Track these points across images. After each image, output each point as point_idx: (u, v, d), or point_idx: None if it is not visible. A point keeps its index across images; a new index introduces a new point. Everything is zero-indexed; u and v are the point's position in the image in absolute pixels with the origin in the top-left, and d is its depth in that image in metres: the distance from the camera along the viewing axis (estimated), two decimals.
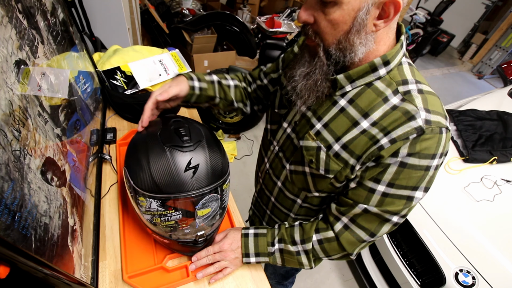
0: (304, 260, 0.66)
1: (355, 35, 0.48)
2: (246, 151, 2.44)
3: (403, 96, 0.51)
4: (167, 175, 0.56)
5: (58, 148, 0.56)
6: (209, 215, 0.62)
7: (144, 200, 0.58)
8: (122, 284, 0.66)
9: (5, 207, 0.34)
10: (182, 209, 0.59)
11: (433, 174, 0.53)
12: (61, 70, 0.66)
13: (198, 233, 0.64)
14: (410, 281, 1.28)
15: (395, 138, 0.49)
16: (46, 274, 0.43)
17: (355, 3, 0.45)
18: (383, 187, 0.53)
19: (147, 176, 0.57)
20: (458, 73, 4.71)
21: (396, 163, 0.51)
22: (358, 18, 0.46)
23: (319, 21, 0.49)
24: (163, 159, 0.57)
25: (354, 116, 0.54)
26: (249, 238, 0.70)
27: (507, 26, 4.25)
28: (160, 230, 0.63)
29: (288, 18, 3.06)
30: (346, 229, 0.60)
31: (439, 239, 1.27)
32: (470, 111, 1.83)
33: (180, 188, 0.56)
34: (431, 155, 0.50)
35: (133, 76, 1.06)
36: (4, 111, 0.38)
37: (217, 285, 0.70)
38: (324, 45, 0.51)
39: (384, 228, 0.58)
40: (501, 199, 1.37)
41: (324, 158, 0.58)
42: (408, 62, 0.55)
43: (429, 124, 0.48)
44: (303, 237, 0.65)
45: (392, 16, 0.46)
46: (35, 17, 0.55)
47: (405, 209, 0.55)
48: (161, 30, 2.48)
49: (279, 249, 0.68)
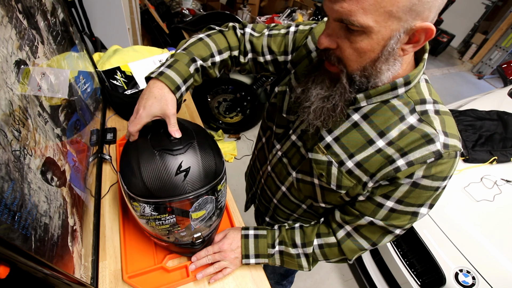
0: (304, 263, 0.67)
1: (383, 62, 0.46)
2: (246, 151, 2.44)
3: (420, 116, 0.50)
4: (158, 180, 0.55)
5: (58, 148, 0.56)
6: (205, 217, 0.62)
7: (138, 205, 0.58)
8: (122, 284, 0.66)
9: (5, 207, 0.34)
10: (176, 212, 0.58)
11: (440, 193, 0.53)
12: (61, 70, 0.66)
13: (195, 235, 0.64)
14: (410, 281, 1.28)
15: (413, 161, 0.48)
16: (46, 274, 0.43)
17: (386, 33, 0.42)
18: (392, 203, 0.54)
19: (138, 181, 0.56)
20: (458, 73, 4.71)
21: (409, 183, 0.51)
22: (387, 47, 0.43)
23: (344, 48, 0.45)
24: (153, 164, 0.55)
25: (369, 134, 0.53)
26: (249, 239, 0.70)
27: (507, 26, 4.25)
28: (157, 233, 0.63)
29: (288, 18, 3.06)
30: (348, 237, 0.61)
31: (439, 239, 1.27)
32: (470, 111, 1.83)
33: (172, 192, 0.55)
34: (444, 177, 0.50)
35: (133, 76, 1.06)
36: (4, 111, 0.38)
37: (217, 285, 0.70)
38: (347, 72, 0.48)
39: (386, 238, 0.59)
40: (501, 199, 1.37)
41: (336, 174, 0.57)
42: (425, 79, 0.54)
43: (447, 148, 0.48)
44: (304, 241, 0.65)
45: (422, 42, 0.44)
46: (35, 17, 0.55)
47: (409, 224, 0.56)
48: (161, 30, 2.48)
49: (279, 251, 0.68)
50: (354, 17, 0.40)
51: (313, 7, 3.52)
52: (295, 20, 3.24)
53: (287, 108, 0.67)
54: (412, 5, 0.38)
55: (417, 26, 0.41)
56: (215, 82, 2.15)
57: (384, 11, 0.39)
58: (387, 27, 0.41)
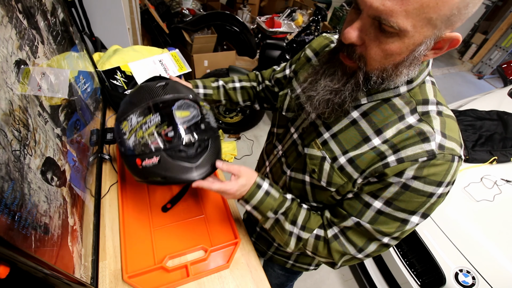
0: (292, 243, 0.63)
1: (405, 66, 0.45)
2: (246, 151, 2.44)
3: (420, 117, 0.49)
4: (140, 89, 0.66)
5: (58, 148, 0.56)
6: (190, 119, 0.61)
7: (126, 123, 0.62)
8: (122, 284, 0.66)
9: (5, 207, 0.34)
10: (159, 111, 0.60)
11: (436, 202, 0.49)
12: (61, 70, 0.66)
13: (184, 137, 0.59)
14: (410, 281, 1.28)
15: (403, 158, 0.47)
16: (46, 274, 0.43)
17: (418, 38, 0.40)
18: (380, 204, 0.51)
19: (125, 101, 0.67)
20: (458, 73, 4.71)
21: (398, 183, 0.48)
22: (415, 52, 0.42)
23: (370, 47, 0.43)
24: (137, 88, 0.68)
25: (366, 131, 0.52)
26: (260, 191, 0.62)
27: (507, 26, 4.25)
28: (146, 147, 0.59)
29: (288, 18, 3.06)
30: (335, 239, 0.58)
31: (439, 239, 1.27)
32: (470, 111, 1.83)
33: (153, 95, 0.62)
34: (438, 182, 0.47)
35: (133, 76, 1.06)
36: (4, 111, 0.38)
37: (217, 285, 0.70)
38: (366, 70, 0.47)
39: (372, 246, 0.55)
40: (501, 199, 1.37)
41: (328, 169, 0.56)
42: (431, 81, 0.53)
43: (442, 149, 0.46)
44: (305, 224, 0.61)
45: (445, 50, 0.43)
46: (35, 17, 0.55)
47: (397, 232, 0.52)
48: (161, 30, 2.48)
49: (276, 218, 0.63)
50: (395, 18, 0.38)
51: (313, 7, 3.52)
52: (295, 20, 3.24)
53: (286, 106, 0.70)
54: (451, 15, 0.38)
55: (446, 35, 0.41)
56: None
57: (425, 17, 0.38)
58: (422, 33, 0.40)
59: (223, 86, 0.86)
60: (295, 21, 3.21)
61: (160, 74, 1.10)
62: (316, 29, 1.99)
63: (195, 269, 0.72)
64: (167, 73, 1.11)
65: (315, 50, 0.68)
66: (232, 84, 0.87)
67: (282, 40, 2.62)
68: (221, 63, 2.62)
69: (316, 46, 0.68)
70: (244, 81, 0.88)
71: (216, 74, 2.12)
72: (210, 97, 0.85)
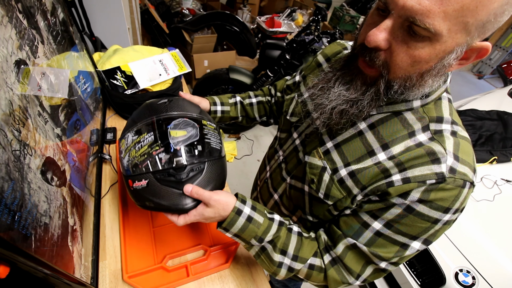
0: (282, 273, 0.56)
1: (432, 76, 0.41)
2: (246, 151, 2.44)
3: (432, 135, 0.45)
4: (143, 106, 0.64)
5: (58, 148, 0.56)
6: (186, 139, 0.56)
7: (124, 141, 0.60)
8: (122, 284, 0.66)
9: (5, 207, 0.34)
10: (155, 131, 0.56)
11: (440, 229, 0.46)
12: (61, 70, 0.66)
13: (175, 160, 0.54)
14: (410, 281, 1.28)
15: (410, 178, 0.43)
16: (46, 274, 0.43)
17: (451, 45, 0.37)
18: (379, 226, 0.47)
19: (130, 117, 0.64)
20: (458, 73, 4.71)
21: (402, 205, 0.44)
22: (444, 61, 0.39)
23: (397, 52, 0.39)
24: (143, 104, 0.66)
25: (371, 144, 0.49)
26: (240, 217, 0.54)
27: (507, 26, 4.25)
28: (136, 168, 0.56)
29: (288, 18, 3.06)
30: (332, 265, 0.54)
31: (439, 239, 1.26)
32: (470, 111, 1.83)
33: (152, 113, 0.60)
34: (445, 208, 0.43)
35: (133, 76, 1.06)
36: (4, 111, 0.38)
37: (217, 285, 0.70)
38: (388, 78, 0.42)
39: (368, 270, 0.51)
40: (501, 199, 1.37)
41: (327, 181, 0.52)
42: (448, 98, 0.49)
43: (453, 173, 0.42)
44: (297, 253, 0.55)
45: (471, 60, 0.40)
46: (35, 17, 0.55)
47: (396, 257, 0.48)
48: (161, 30, 2.48)
49: (262, 246, 0.56)
50: (431, 19, 0.34)
51: (313, 7, 3.52)
52: (295, 20, 3.24)
53: (291, 111, 0.68)
54: (487, 22, 0.35)
55: (477, 44, 0.38)
56: (215, 82, 2.15)
57: (462, 21, 0.34)
58: (455, 39, 0.36)
59: (240, 102, 0.85)
60: (295, 21, 3.21)
61: (160, 74, 1.10)
62: (316, 29, 1.98)
63: (195, 269, 0.72)
64: (167, 73, 1.11)
65: (326, 56, 0.65)
66: (249, 99, 0.86)
67: (282, 40, 2.63)
68: (221, 63, 2.63)
69: (328, 52, 0.65)
70: (259, 96, 0.88)
71: (216, 74, 2.12)
72: (228, 114, 0.82)
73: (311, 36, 1.96)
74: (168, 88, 1.11)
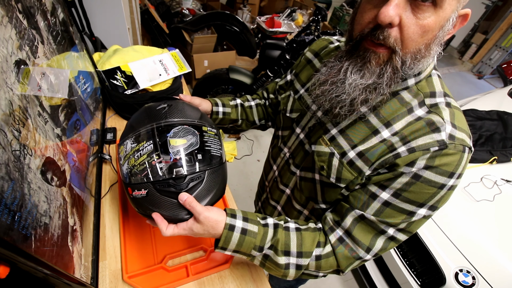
0: (291, 273, 0.56)
1: (436, 44, 0.44)
2: (246, 151, 2.44)
3: (429, 109, 0.49)
4: (142, 111, 0.62)
5: (58, 148, 0.56)
6: (186, 147, 0.55)
7: (123, 148, 0.58)
8: (122, 284, 0.66)
9: (5, 207, 0.34)
10: (154, 139, 0.55)
11: (445, 195, 0.48)
12: (61, 70, 0.66)
13: (175, 169, 0.53)
14: (410, 281, 1.28)
15: (414, 148, 0.46)
16: (46, 274, 0.43)
17: (448, 12, 0.41)
18: (387, 196, 0.49)
19: (128, 122, 0.63)
20: (458, 73, 4.71)
21: (410, 173, 0.47)
22: (445, 28, 0.42)
23: (408, 25, 0.41)
24: (141, 109, 0.64)
25: (375, 125, 0.51)
26: (234, 233, 0.54)
27: (507, 26, 4.25)
28: (135, 177, 0.55)
29: (288, 18, 3.06)
30: (341, 242, 0.54)
31: (439, 239, 1.27)
32: (470, 111, 1.83)
33: (152, 120, 0.58)
34: (449, 173, 0.46)
35: (133, 76, 1.06)
36: (4, 111, 0.38)
37: (217, 285, 0.70)
38: (402, 53, 0.44)
39: (379, 241, 0.52)
40: (501, 199, 1.37)
41: (337, 165, 0.54)
42: (437, 74, 0.53)
43: (452, 139, 0.45)
44: (301, 249, 0.55)
45: (457, 28, 0.44)
46: (35, 17, 0.55)
47: (403, 223, 0.50)
48: (161, 30, 2.48)
49: (265, 254, 0.56)
50: None
51: (313, 7, 3.52)
52: (295, 20, 3.24)
53: (290, 108, 0.70)
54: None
55: (460, 12, 0.42)
56: (215, 82, 2.16)
57: None
58: (451, 5, 0.40)
59: (241, 105, 0.86)
60: (295, 21, 3.21)
61: (160, 74, 1.10)
62: (316, 29, 1.99)
63: (195, 269, 0.72)
64: (167, 73, 1.11)
65: (314, 51, 0.69)
66: (248, 102, 0.88)
67: (282, 40, 2.62)
68: (221, 63, 2.63)
69: (316, 47, 0.69)
70: (257, 99, 0.89)
71: (216, 74, 2.12)
72: (229, 116, 0.83)
73: (311, 36, 1.96)
74: (168, 88, 1.11)
